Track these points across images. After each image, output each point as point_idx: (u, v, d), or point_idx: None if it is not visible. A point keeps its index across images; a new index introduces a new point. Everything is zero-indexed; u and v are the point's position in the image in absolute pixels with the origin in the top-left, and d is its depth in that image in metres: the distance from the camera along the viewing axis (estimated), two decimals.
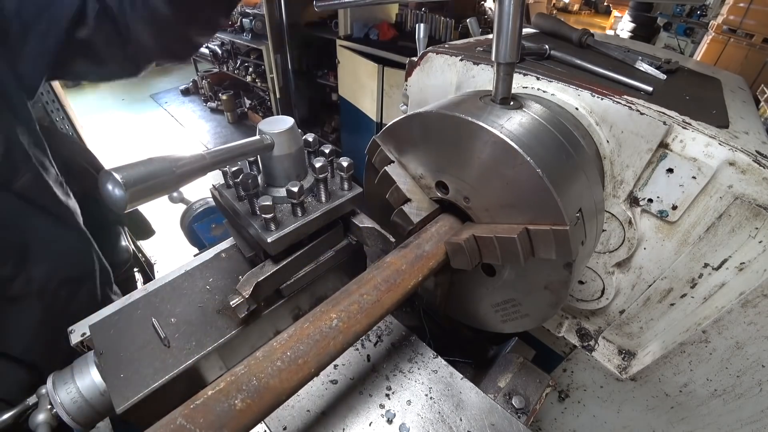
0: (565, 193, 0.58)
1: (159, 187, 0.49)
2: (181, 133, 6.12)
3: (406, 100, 1.11)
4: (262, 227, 0.68)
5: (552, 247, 0.60)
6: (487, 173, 0.63)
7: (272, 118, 0.70)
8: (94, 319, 0.78)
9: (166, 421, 0.41)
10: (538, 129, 0.64)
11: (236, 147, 0.62)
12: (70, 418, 0.68)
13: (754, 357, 0.75)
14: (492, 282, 0.75)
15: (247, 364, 0.47)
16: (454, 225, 0.73)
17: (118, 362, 0.69)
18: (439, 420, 0.74)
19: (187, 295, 0.81)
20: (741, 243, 0.70)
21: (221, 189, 0.76)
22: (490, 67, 0.88)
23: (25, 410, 0.69)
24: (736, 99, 0.96)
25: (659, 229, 0.78)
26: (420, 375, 0.82)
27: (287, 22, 4.51)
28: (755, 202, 0.66)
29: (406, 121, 0.71)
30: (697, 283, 0.78)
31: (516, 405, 0.87)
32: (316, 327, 0.53)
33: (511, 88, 0.66)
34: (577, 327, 1.03)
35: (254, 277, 0.70)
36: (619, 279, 0.88)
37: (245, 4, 5.20)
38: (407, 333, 0.91)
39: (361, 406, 0.76)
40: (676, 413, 0.93)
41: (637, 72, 0.95)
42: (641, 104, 0.73)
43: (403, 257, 0.65)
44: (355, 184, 0.79)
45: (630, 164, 0.75)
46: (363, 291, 0.59)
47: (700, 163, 0.68)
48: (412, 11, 4.01)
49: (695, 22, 5.22)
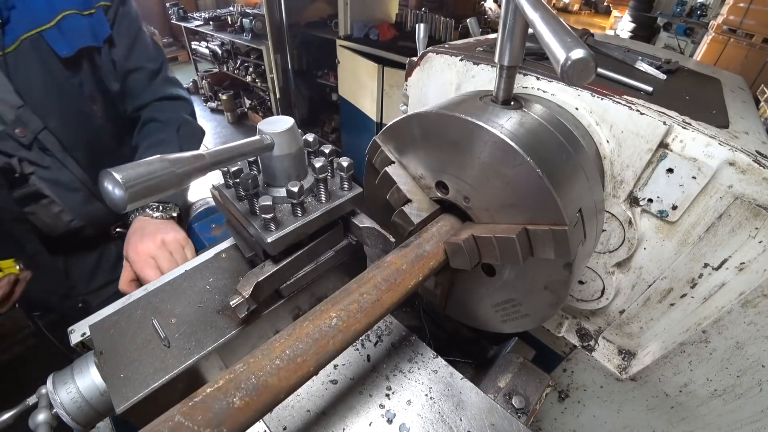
0: (565, 193, 0.58)
1: (159, 186, 0.49)
2: None
3: (406, 100, 1.11)
4: (262, 227, 0.68)
5: (551, 247, 0.60)
6: (487, 173, 0.63)
7: (272, 118, 0.71)
8: (94, 319, 0.78)
9: (165, 418, 0.41)
10: (538, 129, 0.64)
11: (236, 147, 0.62)
12: (70, 418, 0.68)
13: (754, 357, 0.75)
14: (492, 282, 0.75)
15: (245, 362, 0.47)
16: (454, 225, 0.73)
17: (118, 362, 0.69)
18: (439, 420, 0.74)
19: (187, 295, 0.81)
20: (741, 243, 0.70)
21: (221, 189, 0.76)
22: (490, 67, 0.88)
23: (25, 410, 0.70)
24: (736, 99, 0.96)
25: (659, 229, 0.78)
26: (420, 375, 0.82)
27: (287, 22, 4.52)
28: (755, 202, 0.66)
29: (406, 121, 0.71)
30: (697, 283, 0.78)
31: (516, 405, 0.87)
32: (315, 326, 0.53)
33: (512, 90, 0.66)
34: (577, 327, 1.03)
35: (254, 277, 0.70)
36: (619, 279, 0.88)
37: (245, 4, 5.20)
38: (407, 333, 0.91)
39: (361, 406, 0.76)
40: (676, 413, 0.93)
41: (637, 72, 0.95)
42: (641, 104, 0.73)
43: (403, 257, 0.65)
44: (355, 184, 0.79)
45: (630, 164, 0.75)
46: (363, 290, 0.59)
47: (700, 163, 0.68)
48: (412, 11, 4.01)
49: (695, 22, 5.22)
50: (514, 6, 0.54)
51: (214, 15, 5.97)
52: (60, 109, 1.18)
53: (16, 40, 1.07)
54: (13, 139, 1.11)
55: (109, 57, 1.29)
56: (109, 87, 1.31)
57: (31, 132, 1.14)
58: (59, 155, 1.21)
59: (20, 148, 1.14)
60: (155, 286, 0.83)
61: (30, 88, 1.11)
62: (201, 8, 8.06)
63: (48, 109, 1.15)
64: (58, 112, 1.18)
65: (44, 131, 1.16)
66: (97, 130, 1.31)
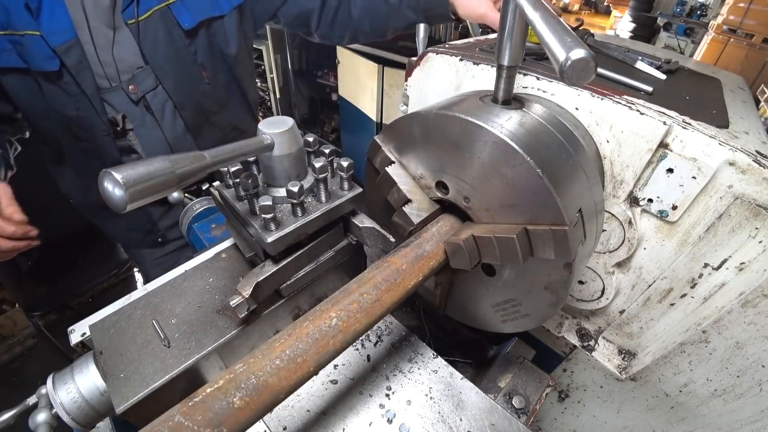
0: (565, 193, 0.58)
1: (159, 186, 0.49)
2: None
3: (406, 100, 1.11)
4: (262, 227, 0.68)
5: (551, 247, 0.60)
6: (487, 173, 0.63)
7: (272, 118, 0.71)
8: (94, 319, 0.78)
9: (165, 418, 0.41)
10: (539, 129, 0.64)
11: (236, 147, 0.62)
12: (70, 418, 0.68)
13: (754, 357, 0.75)
14: (492, 282, 0.75)
15: (245, 362, 0.47)
16: (454, 225, 0.74)
17: (118, 362, 0.69)
18: (439, 420, 0.74)
19: (187, 295, 0.81)
20: (741, 243, 0.70)
21: (221, 189, 0.76)
22: (490, 67, 0.88)
23: (25, 410, 0.70)
24: (736, 99, 0.96)
25: (659, 229, 0.78)
26: (420, 375, 0.82)
27: None
28: (755, 202, 0.66)
29: (406, 121, 0.71)
30: (697, 283, 0.78)
31: (516, 405, 0.87)
32: (315, 326, 0.53)
33: (512, 90, 0.66)
34: (577, 327, 1.03)
35: (254, 277, 0.70)
36: (619, 279, 0.88)
37: None
38: (407, 333, 0.91)
39: (361, 406, 0.76)
40: (676, 413, 0.93)
41: (637, 72, 0.95)
42: (641, 104, 0.73)
43: (403, 257, 0.65)
44: (355, 184, 0.79)
45: (630, 164, 0.75)
46: (363, 290, 0.59)
47: (700, 163, 0.68)
48: None
49: (695, 22, 5.22)
50: (514, 6, 0.54)
51: None
52: (175, 72, 1.33)
53: (148, 11, 1.21)
54: (126, 93, 1.28)
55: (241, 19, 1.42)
56: (224, 50, 1.43)
57: (141, 91, 1.30)
58: (158, 115, 1.36)
59: (129, 102, 1.30)
60: (155, 286, 0.83)
61: (154, 53, 1.27)
62: None
63: (166, 72, 1.31)
64: (173, 74, 1.33)
65: (152, 92, 1.32)
66: (203, 94, 1.45)
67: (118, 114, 1.32)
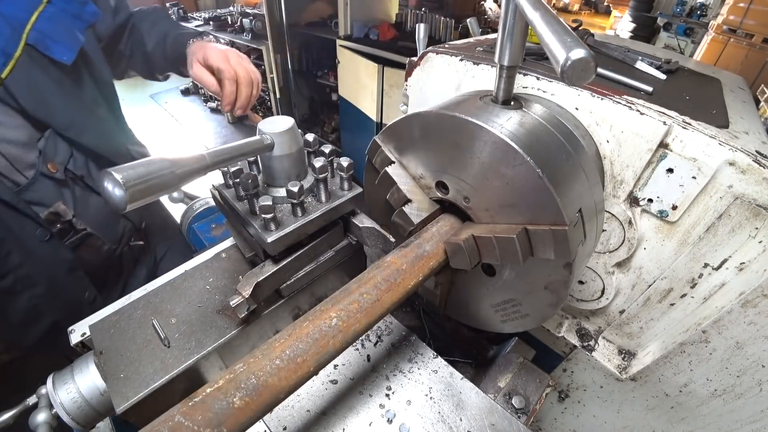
0: (564, 193, 0.58)
1: (159, 186, 0.49)
2: (181, 133, 6.12)
3: (406, 100, 1.11)
4: (262, 227, 0.68)
5: (551, 247, 0.60)
6: (487, 173, 0.63)
7: (272, 118, 0.71)
8: (94, 318, 0.78)
9: (165, 418, 0.41)
10: (539, 129, 0.64)
11: (236, 147, 0.62)
12: (70, 418, 0.68)
13: (754, 357, 0.75)
14: (492, 282, 0.75)
15: (245, 362, 0.47)
16: (454, 225, 0.73)
17: (118, 362, 0.69)
18: (439, 420, 0.74)
19: (187, 295, 0.81)
20: (741, 243, 0.70)
21: (221, 189, 0.76)
22: (490, 67, 0.88)
23: (25, 410, 0.70)
24: (736, 99, 0.96)
25: (659, 229, 0.78)
26: (420, 375, 0.82)
27: (287, 22, 4.52)
28: (755, 202, 0.66)
29: (407, 121, 0.71)
30: (697, 283, 0.78)
31: (516, 405, 0.87)
32: (315, 326, 0.53)
33: (512, 90, 0.66)
34: (577, 327, 1.03)
35: (254, 277, 0.70)
36: (619, 279, 0.88)
37: (245, 4, 5.20)
38: (407, 333, 0.91)
39: (361, 406, 0.76)
40: (676, 413, 0.93)
41: (637, 72, 0.95)
42: (641, 104, 0.73)
43: (403, 257, 0.65)
44: (355, 184, 0.79)
45: (630, 164, 0.75)
46: (363, 290, 0.59)
47: (700, 163, 0.68)
48: (412, 11, 4.01)
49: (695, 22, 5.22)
50: (514, 6, 0.54)
51: (214, 15, 5.96)
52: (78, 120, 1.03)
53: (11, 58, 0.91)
54: (47, 178, 0.95)
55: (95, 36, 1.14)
56: (101, 76, 1.16)
57: (60, 163, 0.98)
58: (88, 180, 1.07)
59: (56, 188, 0.98)
60: (155, 286, 0.83)
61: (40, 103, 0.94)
62: (201, 8, 8.04)
63: (68, 123, 0.99)
64: (78, 125, 1.02)
65: (72, 157, 1.02)
66: (108, 131, 1.20)
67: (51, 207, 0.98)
